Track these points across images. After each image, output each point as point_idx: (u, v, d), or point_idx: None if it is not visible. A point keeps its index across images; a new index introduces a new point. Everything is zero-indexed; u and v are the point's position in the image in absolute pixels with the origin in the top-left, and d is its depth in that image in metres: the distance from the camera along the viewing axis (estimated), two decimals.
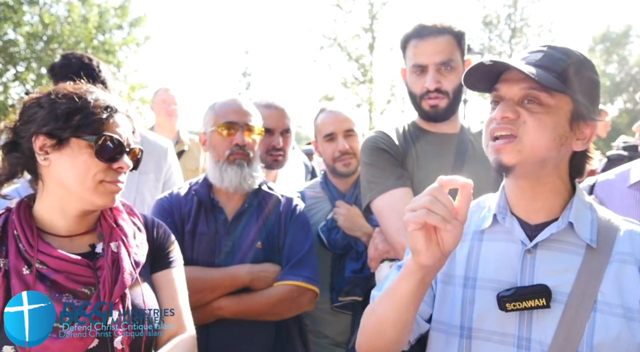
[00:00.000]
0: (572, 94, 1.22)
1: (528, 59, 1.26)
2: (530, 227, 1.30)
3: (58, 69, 2.43)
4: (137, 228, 1.53)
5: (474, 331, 1.30)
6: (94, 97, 1.37)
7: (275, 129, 2.49)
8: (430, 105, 2.01)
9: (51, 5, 16.14)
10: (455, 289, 1.35)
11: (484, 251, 1.34)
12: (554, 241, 1.26)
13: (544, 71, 1.21)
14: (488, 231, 1.36)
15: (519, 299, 1.22)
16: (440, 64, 1.97)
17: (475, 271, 1.33)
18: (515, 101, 1.24)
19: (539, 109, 1.22)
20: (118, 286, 1.35)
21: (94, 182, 1.36)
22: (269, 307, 1.98)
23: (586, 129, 1.27)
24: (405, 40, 2.06)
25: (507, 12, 24.81)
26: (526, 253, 1.28)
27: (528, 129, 1.21)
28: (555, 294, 1.21)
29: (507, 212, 1.33)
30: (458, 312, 1.33)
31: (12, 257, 1.31)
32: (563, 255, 1.25)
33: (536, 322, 1.23)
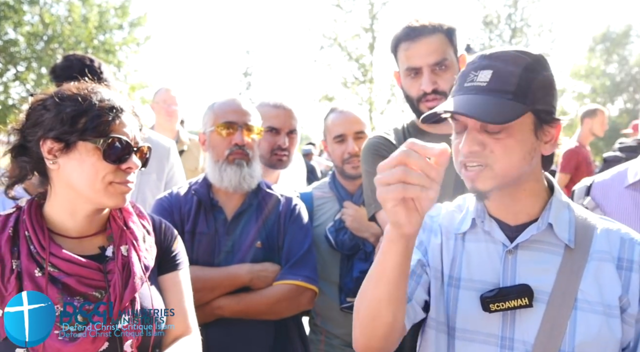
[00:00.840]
0: (531, 108, 1.20)
1: (478, 81, 1.22)
2: (510, 228, 1.31)
3: (60, 71, 2.43)
4: (147, 231, 1.53)
5: (458, 331, 1.31)
6: (99, 98, 1.36)
7: (282, 129, 2.49)
8: (428, 108, 1.97)
9: (52, 5, 16.15)
10: (444, 288, 1.36)
11: (467, 252, 1.36)
12: (534, 241, 1.28)
13: (495, 97, 1.18)
14: (469, 232, 1.37)
15: (502, 299, 1.23)
16: (435, 65, 1.93)
17: (458, 271, 1.35)
18: (478, 129, 1.23)
19: (502, 135, 1.21)
20: (128, 291, 1.35)
21: (103, 184, 1.36)
22: (268, 306, 1.98)
23: (552, 130, 1.27)
24: (396, 43, 2.01)
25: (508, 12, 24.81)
26: (507, 254, 1.29)
27: (497, 157, 1.21)
28: (537, 293, 1.23)
29: (485, 215, 1.34)
30: (445, 310, 1.34)
31: (24, 258, 1.31)
32: (543, 255, 1.27)
33: (519, 322, 1.24)
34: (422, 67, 1.94)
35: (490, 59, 1.24)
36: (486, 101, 1.18)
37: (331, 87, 22.28)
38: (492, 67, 1.22)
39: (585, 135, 5.56)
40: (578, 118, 5.66)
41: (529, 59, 1.23)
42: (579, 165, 5.33)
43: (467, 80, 1.26)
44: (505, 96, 1.18)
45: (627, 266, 1.24)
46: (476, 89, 1.22)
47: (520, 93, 1.19)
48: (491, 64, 1.23)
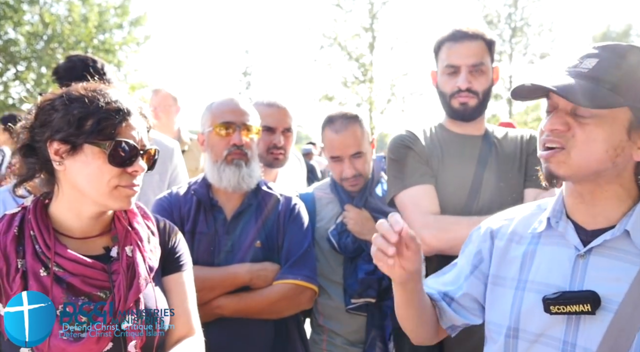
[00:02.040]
0: (630, 104, 1.15)
1: (581, 67, 1.20)
2: (586, 233, 1.26)
3: (63, 72, 2.43)
4: (151, 232, 1.53)
5: (521, 332, 1.30)
6: (107, 100, 1.34)
7: (277, 128, 2.49)
8: (460, 103, 2.11)
9: (51, 5, 16.16)
10: (506, 291, 1.36)
11: (539, 253, 1.33)
12: (609, 248, 1.22)
13: (593, 83, 1.15)
14: (545, 235, 1.34)
15: (564, 303, 1.20)
16: (472, 66, 2.08)
17: (527, 273, 1.33)
18: (567, 111, 1.20)
19: (591, 120, 1.16)
20: (133, 291, 1.35)
21: (109, 188, 1.35)
22: (268, 305, 1.99)
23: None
24: (440, 43, 2.17)
25: (508, 11, 24.76)
26: (578, 258, 1.24)
27: (577, 142, 1.18)
28: (606, 302, 1.18)
29: (562, 216, 1.31)
30: (507, 313, 1.34)
31: (29, 258, 1.31)
32: (617, 263, 1.21)
33: (583, 328, 1.21)
34: (460, 66, 2.09)
35: (600, 49, 1.22)
36: (582, 85, 1.15)
37: (331, 86, 22.26)
38: (598, 56, 1.20)
39: None
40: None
41: (638, 57, 1.19)
42: None
43: (570, 66, 1.23)
44: (603, 85, 1.15)
45: None
46: (576, 74, 1.19)
47: (622, 86, 1.15)
48: (599, 54, 1.20)
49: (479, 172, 2.09)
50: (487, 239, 1.46)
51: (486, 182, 2.07)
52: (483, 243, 1.46)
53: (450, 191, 2.07)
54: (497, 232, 1.45)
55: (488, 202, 2.02)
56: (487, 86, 2.12)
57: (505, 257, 1.39)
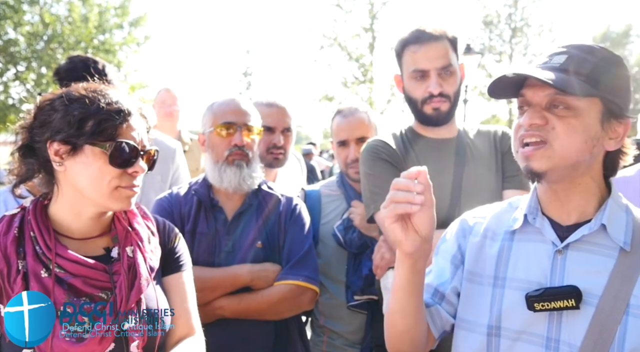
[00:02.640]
0: (602, 95, 1.19)
1: (551, 63, 1.23)
2: (562, 228, 1.29)
3: (64, 73, 2.43)
4: (151, 232, 1.53)
5: (503, 330, 1.29)
6: (107, 100, 1.34)
7: (276, 128, 2.49)
8: (433, 109, 2.04)
9: (52, 5, 16.18)
10: (483, 288, 1.35)
11: (515, 251, 1.34)
12: (585, 242, 1.24)
13: (569, 75, 1.19)
14: (519, 231, 1.35)
15: (548, 299, 1.21)
16: (441, 69, 2.01)
17: (505, 270, 1.33)
18: (543, 106, 1.22)
19: (567, 113, 1.19)
20: (134, 292, 1.35)
21: (109, 189, 1.35)
22: (269, 306, 1.98)
23: (619, 127, 1.24)
24: (403, 45, 2.08)
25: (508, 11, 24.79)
26: (557, 254, 1.26)
27: (557, 134, 1.20)
28: (586, 296, 1.19)
29: (538, 212, 1.32)
30: (486, 311, 1.33)
31: (30, 259, 1.31)
32: (595, 257, 1.23)
33: (566, 323, 1.22)
34: (429, 70, 2.01)
35: (567, 47, 1.26)
36: (558, 75, 1.18)
37: (331, 87, 22.30)
38: (567, 53, 1.23)
39: None
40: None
41: (607, 53, 1.24)
42: None
43: (541, 62, 1.26)
44: (577, 77, 1.19)
45: None
46: (549, 68, 1.22)
47: (593, 78, 1.19)
48: (567, 51, 1.24)
49: (457, 176, 2.04)
50: (462, 235, 1.46)
51: (466, 185, 2.02)
52: (461, 239, 1.45)
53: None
54: (471, 229, 1.44)
55: (469, 206, 1.98)
56: (457, 87, 2.06)
57: (480, 254, 1.39)
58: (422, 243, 1.21)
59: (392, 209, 1.18)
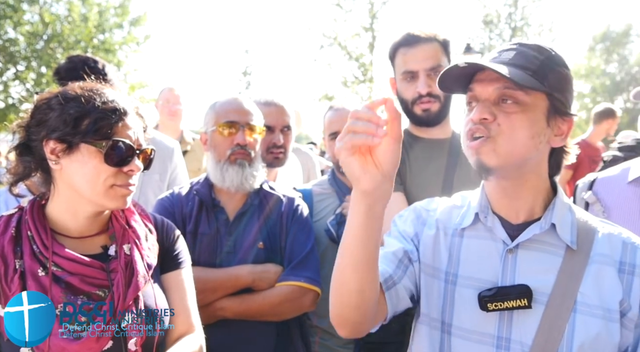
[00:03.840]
0: (548, 91, 1.22)
1: (501, 58, 1.26)
2: (511, 227, 1.31)
3: (64, 73, 2.43)
4: (149, 230, 1.53)
5: (454, 328, 1.30)
6: (103, 99, 1.35)
7: (276, 126, 2.48)
8: (422, 110, 2.07)
9: (51, 4, 16.16)
10: (439, 283, 1.35)
11: (465, 248, 1.34)
12: (535, 241, 1.27)
13: (518, 70, 1.21)
14: (469, 229, 1.36)
15: (501, 299, 1.22)
16: (430, 70, 2.04)
17: (456, 267, 1.34)
18: (491, 101, 1.24)
19: (515, 108, 1.21)
20: (132, 289, 1.36)
21: (104, 187, 1.35)
22: (270, 307, 1.97)
23: (563, 125, 1.27)
24: (394, 49, 2.13)
25: (508, 11, 24.81)
26: (507, 253, 1.28)
27: (504, 129, 1.21)
28: (536, 294, 1.22)
29: (488, 210, 1.34)
30: (440, 307, 1.33)
31: (27, 258, 1.31)
32: (544, 255, 1.26)
33: (516, 322, 1.23)
34: (418, 71, 2.06)
35: (515, 45, 1.29)
36: (508, 68, 1.20)
37: (331, 86, 22.32)
38: (515, 50, 1.27)
39: (598, 134, 5.58)
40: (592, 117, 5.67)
41: (552, 52, 1.27)
42: (581, 161, 5.32)
43: (491, 58, 1.29)
44: (526, 71, 1.21)
45: (629, 270, 1.23)
46: (499, 60, 1.26)
47: (540, 74, 1.21)
48: (515, 48, 1.27)
49: (448, 175, 2.06)
50: (419, 223, 1.43)
51: (457, 185, 2.02)
52: (418, 226, 1.42)
53: (422, 196, 2.01)
54: (426, 221, 1.43)
55: None
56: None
57: (435, 247, 1.38)
58: (383, 181, 1.06)
59: (348, 140, 1.02)
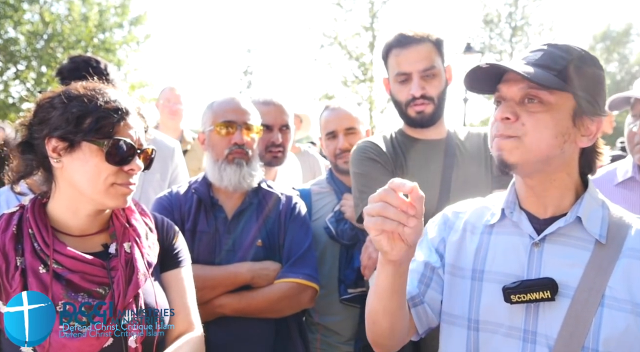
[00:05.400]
0: (573, 91, 1.22)
1: (528, 58, 1.27)
2: (538, 222, 1.31)
3: (67, 73, 2.44)
4: (149, 228, 1.55)
5: (481, 323, 1.32)
6: (105, 99, 1.37)
7: (274, 125, 2.49)
8: (416, 112, 2.06)
9: (52, 4, 16.14)
10: (464, 282, 1.37)
11: (493, 244, 1.36)
12: (562, 235, 1.27)
13: (542, 70, 1.22)
14: (498, 225, 1.37)
15: (524, 291, 1.22)
16: (424, 71, 2.03)
17: (483, 263, 1.35)
18: (516, 101, 1.25)
19: (539, 108, 1.22)
20: (132, 287, 1.37)
21: (105, 185, 1.37)
22: (269, 304, 1.98)
23: (591, 125, 1.26)
24: (387, 50, 2.12)
25: (508, 10, 24.80)
26: (533, 246, 1.28)
27: (528, 129, 1.22)
28: (562, 288, 1.22)
29: (515, 206, 1.35)
30: (466, 304, 1.35)
31: (28, 255, 1.32)
32: (571, 249, 1.25)
33: (542, 315, 1.23)
34: (411, 73, 2.04)
35: (546, 45, 1.29)
36: (531, 68, 1.22)
37: (331, 86, 22.28)
38: (544, 51, 1.27)
39: None
40: None
41: (582, 52, 1.27)
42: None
43: (520, 57, 1.29)
44: (550, 71, 1.22)
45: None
46: (526, 60, 1.26)
47: (566, 74, 1.22)
48: (544, 49, 1.28)
49: (446, 176, 2.05)
50: (444, 229, 1.47)
51: (455, 185, 2.04)
52: (443, 231, 1.47)
53: None
54: (453, 224, 1.46)
55: None
56: (441, 89, 2.07)
57: (461, 248, 1.40)
58: (409, 251, 1.17)
59: (379, 223, 1.10)
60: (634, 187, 1.93)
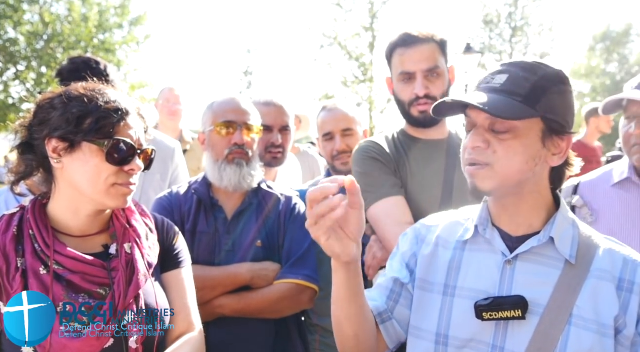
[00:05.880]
0: (540, 115, 1.22)
1: (493, 83, 1.27)
2: (511, 239, 1.32)
3: (67, 74, 2.44)
4: (149, 229, 1.55)
5: (450, 339, 1.31)
6: (106, 99, 1.37)
7: (274, 126, 2.49)
8: (419, 111, 2.06)
9: (52, 4, 16.15)
10: (434, 296, 1.37)
11: (466, 260, 1.36)
12: (534, 254, 1.28)
13: (506, 97, 1.22)
14: (471, 242, 1.38)
15: (496, 309, 1.24)
16: (427, 71, 2.03)
17: (455, 279, 1.35)
18: (486, 127, 1.26)
19: (508, 136, 1.23)
20: (132, 287, 1.37)
21: (105, 186, 1.37)
22: (269, 305, 1.98)
23: (562, 143, 1.28)
24: (391, 49, 2.12)
25: (508, 11, 24.82)
26: (506, 264, 1.29)
27: (499, 157, 1.24)
28: (532, 306, 1.23)
29: (488, 223, 1.36)
30: (435, 319, 1.34)
31: (29, 256, 1.32)
32: (542, 268, 1.27)
33: (511, 332, 1.25)
34: (415, 72, 2.04)
35: (509, 65, 1.29)
36: (495, 99, 1.22)
37: (331, 86, 22.31)
38: (508, 72, 1.26)
39: (592, 134, 5.62)
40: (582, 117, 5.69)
41: (548, 70, 1.26)
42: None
43: (484, 82, 1.29)
44: (515, 98, 1.21)
45: (627, 288, 1.23)
46: (489, 89, 1.26)
47: (532, 98, 1.21)
48: (508, 70, 1.27)
49: (448, 176, 2.06)
50: (416, 242, 1.47)
51: (457, 185, 2.03)
52: (415, 246, 1.46)
53: (423, 198, 2.03)
54: (425, 237, 1.46)
55: (461, 205, 1.98)
56: (444, 89, 2.08)
57: (433, 262, 1.40)
58: (356, 247, 1.18)
59: (321, 226, 1.11)
60: (630, 188, 1.95)
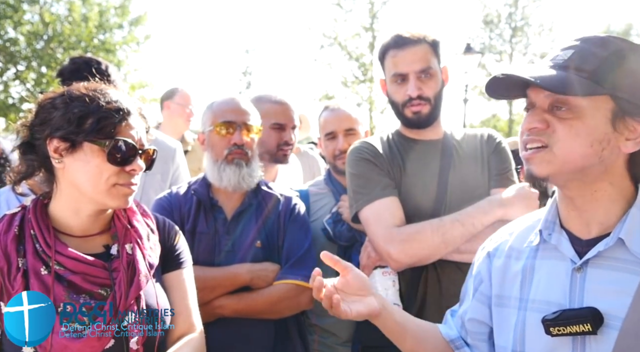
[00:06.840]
0: (609, 92, 1.09)
1: (557, 59, 1.15)
2: (581, 243, 1.18)
3: (68, 74, 2.45)
4: (151, 229, 1.55)
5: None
6: (107, 99, 1.37)
7: (287, 125, 2.52)
8: (413, 112, 2.07)
9: (52, 4, 16.15)
10: (510, 311, 1.28)
11: (537, 269, 1.24)
12: (606, 258, 1.13)
13: (571, 73, 1.10)
14: (542, 247, 1.25)
15: (563, 323, 1.11)
16: (420, 72, 2.03)
17: (528, 291, 1.25)
18: (545, 108, 1.14)
19: (570, 114, 1.11)
20: (133, 288, 1.37)
21: (107, 186, 1.37)
22: (268, 306, 1.98)
23: (638, 127, 1.11)
24: (384, 51, 2.14)
25: (508, 11, 24.77)
26: (575, 272, 1.16)
27: (558, 137, 1.11)
28: (608, 318, 1.09)
29: (554, 227, 1.23)
30: (510, 335, 1.26)
31: (30, 257, 1.32)
32: (617, 274, 1.11)
33: (589, 348, 1.11)
34: (408, 74, 2.05)
35: (580, 40, 1.16)
36: (557, 75, 1.11)
37: (331, 86, 22.32)
38: (575, 48, 1.14)
39: None
40: None
41: (622, 45, 1.13)
42: None
43: (549, 58, 1.18)
44: (580, 74, 1.09)
45: None
46: (552, 66, 1.14)
47: (600, 74, 1.09)
48: (576, 45, 1.15)
49: (443, 176, 2.06)
50: (485, 258, 1.40)
51: (452, 185, 2.04)
52: (481, 264, 1.40)
53: (417, 198, 2.04)
54: (495, 251, 1.38)
55: (456, 205, 1.99)
56: (437, 90, 2.08)
57: (506, 276, 1.31)
58: (375, 299, 1.34)
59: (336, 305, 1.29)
60: None
